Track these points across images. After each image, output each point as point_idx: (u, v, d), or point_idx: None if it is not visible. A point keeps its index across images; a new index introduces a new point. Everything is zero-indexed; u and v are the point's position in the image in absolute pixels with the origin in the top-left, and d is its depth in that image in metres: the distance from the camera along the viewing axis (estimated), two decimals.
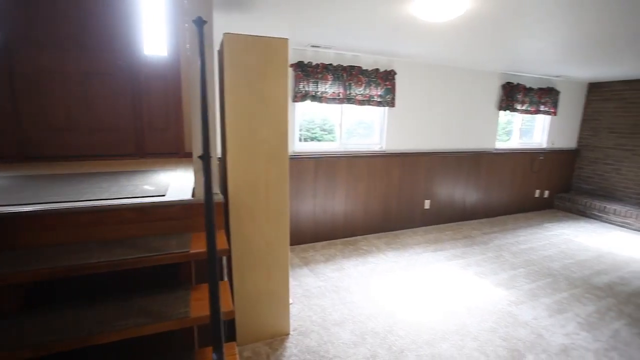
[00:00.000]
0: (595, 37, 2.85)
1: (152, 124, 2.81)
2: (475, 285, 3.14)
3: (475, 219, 5.15)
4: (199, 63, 1.33)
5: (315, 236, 4.06)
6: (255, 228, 2.15)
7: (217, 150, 2.16)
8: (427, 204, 4.67)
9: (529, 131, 5.77)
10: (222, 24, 2.72)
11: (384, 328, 2.49)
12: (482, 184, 5.11)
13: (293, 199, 3.84)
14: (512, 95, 4.96)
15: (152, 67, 2.73)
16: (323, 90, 3.70)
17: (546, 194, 5.85)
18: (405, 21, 2.55)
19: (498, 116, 5.07)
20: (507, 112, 5.09)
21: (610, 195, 5.62)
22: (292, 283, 3.09)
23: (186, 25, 1.71)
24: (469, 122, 4.85)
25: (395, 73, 4.08)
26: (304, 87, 3.61)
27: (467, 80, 4.71)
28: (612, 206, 5.21)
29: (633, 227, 4.95)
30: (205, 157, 1.19)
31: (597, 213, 5.39)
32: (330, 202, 4.05)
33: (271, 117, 2.05)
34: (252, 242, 2.16)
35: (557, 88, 5.43)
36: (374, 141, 4.32)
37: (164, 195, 1.68)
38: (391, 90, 4.08)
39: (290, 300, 2.65)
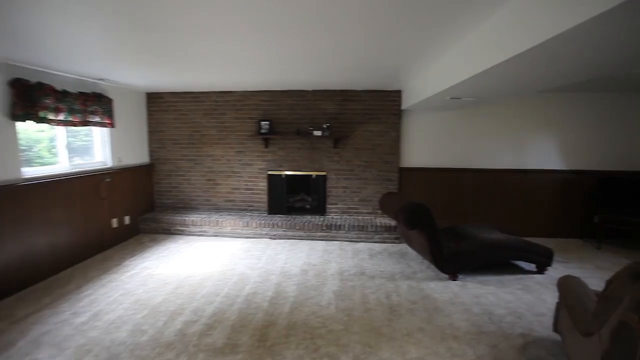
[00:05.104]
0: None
1: None
2: None
3: (14, 293, 3.21)
4: None
5: None
6: None
7: None
8: None
9: (88, 148, 4.51)
10: None
11: None
12: (23, 235, 3.25)
13: None
14: (32, 98, 3.39)
15: None
16: None
17: (127, 220, 4.91)
18: None
19: (16, 130, 3.35)
20: (32, 123, 3.47)
21: (188, 206, 5.60)
22: None
23: None
24: None
25: None
26: None
27: None
28: (190, 217, 5.12)
29: (209, 234, 5.07)
30: None
31: (180, 228, 5.13)
32: None
33: None
34: None
35: (109, 95, 4.49)
36: None
37: None
38: None
39: None
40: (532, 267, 3.83)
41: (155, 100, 5.44)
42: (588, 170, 5.04)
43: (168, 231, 5.15)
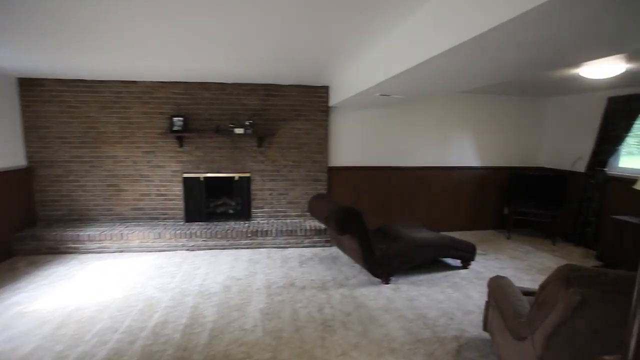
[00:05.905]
0: None
1: None
2: None
3: None
4: None
5: None
6: None
7: None
8: None
9: None
10: None
11: None
12: None
13: None
14: None
15: None
16: None
17: None
18: None
19: None
20: None
21: (85, 217, 4.66)
22: None
23: None
24: None
25: None
26: None
27: None
28: (86, 232, 4.24)
29: (111, 250, 4.26)
30: None
31: (72, 245, 4.21)
32: None
33: None
34: None
35: None
36: None
37: None
38: None
39: None
40: (457, 262, 3.93)
41: (33, 89, 4.39)
42: (500, 166, 5.44)
43: (56, 250, 4.20)
